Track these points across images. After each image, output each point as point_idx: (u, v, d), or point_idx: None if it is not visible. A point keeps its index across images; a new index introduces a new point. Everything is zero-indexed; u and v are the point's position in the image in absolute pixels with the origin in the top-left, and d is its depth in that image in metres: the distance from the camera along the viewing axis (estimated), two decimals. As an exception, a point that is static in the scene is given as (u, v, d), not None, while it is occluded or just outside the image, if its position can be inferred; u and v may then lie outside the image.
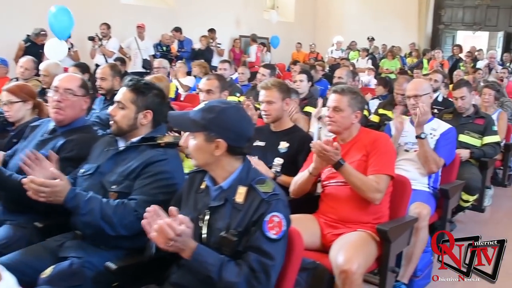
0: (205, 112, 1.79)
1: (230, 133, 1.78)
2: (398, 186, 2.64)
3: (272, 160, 2.99)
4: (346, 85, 2.75)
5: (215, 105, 1.81)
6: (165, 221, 1.60)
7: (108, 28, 8.79)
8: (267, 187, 1.76)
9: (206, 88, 3.43)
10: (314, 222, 2.62)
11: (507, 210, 5.14)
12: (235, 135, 1.80)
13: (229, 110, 1.81)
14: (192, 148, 1.81)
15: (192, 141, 1.81)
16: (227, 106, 1.82)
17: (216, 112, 1.78)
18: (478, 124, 4.30)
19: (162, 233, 1.59)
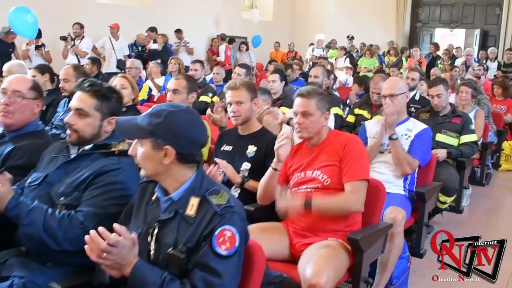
0: (152, 116, 1.63)
1: (179, 139, 1.63)
2: (371, 191, 2.50)
3: (240, 165, 2.84)
4: (310, 87, 2.59)
5: (162, 109, 1.65)
6: (98, 229, 1.45)
7: (81, 28, 8.56)
8: (221, 199, 1.61)
9: (172, 88, 3.27)
10: (283, 231, 2.48)
11: (485, 209, 5.08)
12: (185, 141, 1.64)
13: (178, 113, 1.64)
14: (139, 156, 1.65)
15: (140, 149, 1.65)
16: (175, 110, 1.65)
17: (163, 117, 1.62)
18: (455, 123, 4.21)
19: (94, 243, 1.43)
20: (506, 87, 6.66)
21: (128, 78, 3.60)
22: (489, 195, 5.59)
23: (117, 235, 1.47)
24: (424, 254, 3.42)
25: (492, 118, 5.98)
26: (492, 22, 13.09)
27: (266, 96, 4.10)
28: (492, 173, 6.02)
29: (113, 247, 1.45)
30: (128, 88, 3.55)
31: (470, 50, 10.21)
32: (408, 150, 3.23)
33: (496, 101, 6.66)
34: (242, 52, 11.79)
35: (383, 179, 3.17)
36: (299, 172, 2.52)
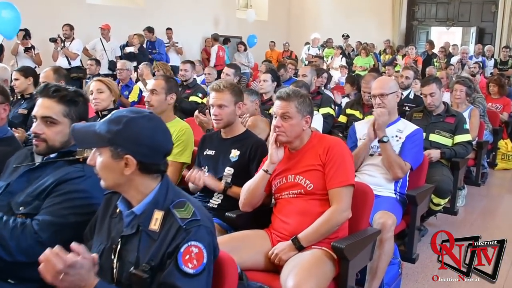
0: (111, 123, 1.51)
1: (141, 148, 1.50)
2: (359, 195, 2.40)
3: (223, 169, 2.73)
4: (291, 89, 2.47)
5: (122, 115, 1.52)
6: (52, 250, 1.33)
7: (71, 29, 8.44)
8: (185, 212, 1.48)
9: (150, 88, 3.16)
10: (265, 239, 2.36)
11: (481, 210, 4.97)
12: (147, 150, 1.51)
13: (139, 120, 1.52)
14: (98, 167, 1.53)
15: (99, 159, 1.52)
16: (136, 116, 1.52)
17: (123, 123, 1.49)
18: (449, 123, 4.10)
19: (49, 264, 1.32)
20: (502, 85, 6.56)
21: (104, 81, 3.48)
22: (485, 195, 5.49)
23: (75, 255, 1.35)
24: (417, 259, 3.32)
25: (488, 116, 5.88)
26: (488, 20, 12.99)
27: (254, 97, 4.00)
28: (488, 172, 5.92)
29: (70, 267, 1.33)
30: (105, 92, 3.44)
31: (466, 48, 10.13)
32: (399, 152, 3.12)
33: (492, 99, 6.56)
34: (240, 52, 11.65)
35: (373, 182, 3.08)
36: (281, 177, 2.41)
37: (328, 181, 2.29)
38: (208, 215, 1.55)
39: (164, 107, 3.17)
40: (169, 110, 3.23)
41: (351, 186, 2.31)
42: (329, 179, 2.28)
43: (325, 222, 2.24)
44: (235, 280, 1.58)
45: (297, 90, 2.46)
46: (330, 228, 2.25)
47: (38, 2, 8.64)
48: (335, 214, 2.25)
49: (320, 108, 4.93)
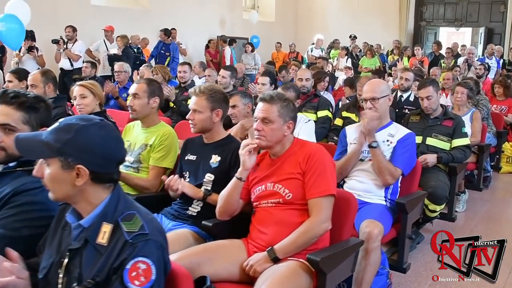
0: (60, 132, 1.44)
1: (93, 157, 1.44)
2: (341, 204, 2.30)
3: (204, 175, 2.64)
4: (276, 92, 2.38)
5: (72, 123, 1.45)
6: None
7: (73, 31, 8.44)
8: (133, 225, 1.41)
9: (132, 92, 3.08)
10: (242, 249, 2.26)
11: (482, 215, 4.83)
12: (100, 159, 1.45)
13: (90, 128, 1.45)
14: (47, 178, 1.45)
15: (47, 170, 1.45)
16: (87, 124, 1.46)
17: (73, 132, 1.43)
18: (446, 126, 3.98)
19: None
20: (507, 86, 6.41)
21: (87, 86, 3.41)
22: (488, 199, 5.34)
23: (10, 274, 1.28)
24: (408, 269, 3.21)
25: (492, 119, 5.74)
26: (497, 20, 12.79)
27: (247, 100, 3.90)
28: (492, 176, 5.77)
29: None
30: (88, 97, 3.38)
31: (472, 49, 9.97)
32: (390, 157, 3.01)
33: (497, 101, 6.42)
34: (248, 54, 11.58)
35: (362, 189, 3.00)
36: (260, 185, 2.31)
37: (307, 190, 2.19)
38: (159, 228, 1.47)
39: (147, 111, 3.10)
40: (153, 114, 3.15)
41: (331, 196, 2.21)
42: (309, 189, 2.19)
43: (303, 234, 2.15)
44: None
45: (282, 93, 2.37)
46: (307, 240, 2.16)
47: (43, 4, 8.64)
48: (314, 225, 2.15)
49: (318, 111, 4.84)
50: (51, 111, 1.96)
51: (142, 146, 3.05)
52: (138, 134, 3.13)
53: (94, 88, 3.42)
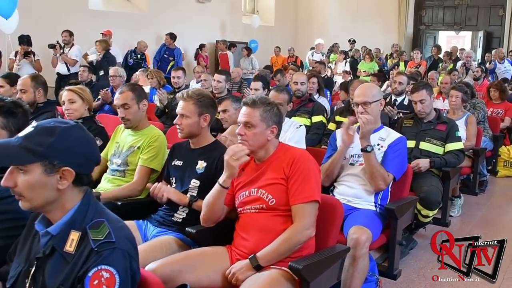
0: (40, 136, 1.41)
1: (78, 158, 1.44)
2: (327, 211, 2.27)
3: (190, 181, 2.61)
4: (259, 96, 2.35)
5: (52, 126, 1.43)
6: None
7: (70, 36, 8.42)
8: (99, 233, 1.39)
9: (120, 103, 3.03)
10: (225, 257, 2.23)
11: (478, 220, 4.78)
12: (84, 160, 1.46)
13: (72, 130, 1.45)
14: (25, 186, 1.40)
15: (23, 178, 1.40)
16: (68, 126, 1.45)
17: (57, 134, 1.41)
18: (440, 130, 3.95)
19: None
20: (503, 90, 6.39)
21: (76, 91, 3.39)
22: (484, 204, 5.30)
23: None
24: (399, 275, 3.17)
25: (488, 122, 5.71)
26: (496, 24, 12.78)
27: (238, 104, 3.86)
28: (488, 180, 5.73)
29: None
30: (77, 101, 3.36)
31: (470, 52, 9.95)
32: (381, 162, 2.97)
33: (493, 104, 6.39)
34: (245, 58, 11.56)
35: (352, 194, 2.97)
36: (244, 190, 2.28)
37: (291, 196, 2.16)
38: (129, 236, 1.45)
39: (140, 116, 3.08)
40: (144, 118, 3.13)
41: (315, 203, 2.17)
42: (292, 194, 2.16)
43: (285, 241, 2.12)
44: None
45: (265, 97, 2.35)
46: (290, 247, 2.12)
47: (41, 9, 8.66)
48: (297, 232, 2.12)
49: (313, 116, 4.80)
50: (28, 116, 1.94)
51: (130, 148, 3.03)
52: (127, 136, 3.11)
53: (83, 93, 3.39)
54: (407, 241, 3.60)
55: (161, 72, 6.84)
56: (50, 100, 4.12)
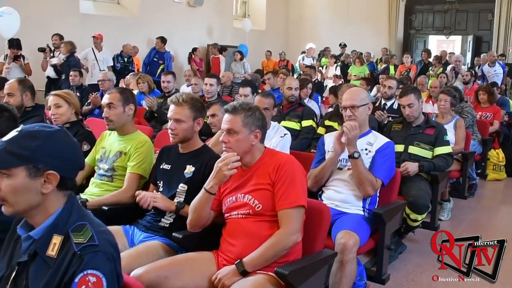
0: (25, 139, 1.41)
1: (63, 162, 1.44)
2: (314, 215, 2.26)
3: (177, 186, 2.60)
4: (240, 102, 2.35)
5: (36, 130, 1.44)
6: None
7: (60, 39, 8.40)
8: (82, 236, 1.38)
9: (107, 102, 3.02)
10: (211, 262, 2.22)
11: (467, 223, 4.80)
12: (70, 163, 1.47)
13: (57, 134, 1.46)
14: (8, 190, 1.39)
15: (6, 182, 1.39)
16: (52, 130, 1.46)
17: (42, 138, 1.41)
18: (428, 135, 3.96)
19: None
20: (492, 93, 6.44)
21: (62, 95, 3.36)
22: (474, 207, 5.32)
23: None
24: (388, 280, 3.17)
25: (477, 126, 5.74)
26: (485, 28, 12.89)
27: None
28: (478, 184, 5.76)
29: None
30: (63, 106, 3.33)
31: (459, 56, 10.00)
32: (369, 167, 2.97)
33: (481, 108, 6.43)
34: (237, 62, 11.56)
35: (340, 199, 2.96)
36: (231, 195, 2.28)
37: (277, 201, 2.15)
38: (111, 240, 1.44)
39: (124, 119, 3.05)
40: (130, 122, 3.11)
41: (301, 208, 2.17)
42: (278, 200, 2.15)
43: (272, 246, 2.11)
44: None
45: (246, 103, 2.33)
46: (277, 252, 2.11)
47: (31, 12, 8.63)
48: (283, 237, 2.11)
49: (303, 120, 4.79)
50: (16, 120, 1.92)
51: (117, 154, 3.00)
52: (114, 142, 3.08)
53: (69, 97, 3.37)
54: (396, 246, 3.61)
55: (149, 76, 6.83)
56: (38, 104, 4.09)
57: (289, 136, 3.65)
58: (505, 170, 6.43)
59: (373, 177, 2.92)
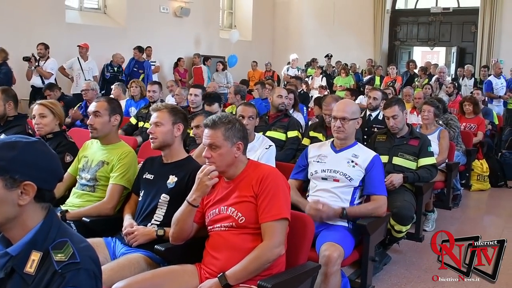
0: (3, 150, 1.37)
1: (41, 172, 1.40)
2: (297, 227, 2.25)
3: (160, 196, 2.58)
4: (218, 115, 2.33)
5: (13, 141, 1.40)
6: None
7: (46, 48, 8.33)
8: (63, 254, 1.33)
9: (93, 110, 2.99)
10: (194, 275, 2.19)
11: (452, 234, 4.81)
12: (47, 174, 1.42)
13: (34, 144, 1.42)
14: None
15: None
16: (29, 140, 1.42)
17: (19, 148, 1.38)
18: (412, 145, 3.97)
19: None
20: (476, 103, 6.49)
21: (48, 105, 3.33)
22: (458, 218, 5.36)
23: None
24: (371, 292, 3.16)
25: (461, 137, 5.79)
26: (468, 40, 13.05)
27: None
28: (462, 194, 5.80)
29: None
30: (48, 116, 3.29)
31: (443, 68, 10.09)
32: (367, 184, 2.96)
33: (466, 119, 6.48)
34: (219, 72, 11.56)
35: (325, 210, 2.94)
36: (214, 208, 2.26)
37: (260, 214, 2.14)
38: (92, 256, 1.40)
39: (108, 129, 3.02)
40: (114, 132, 3.08)
41: (284, 220, 2.15)
42: (261, 212, 2.13)
43: (255, 259, 2.09)
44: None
45: (225, 115, 2.32)
46: (260, 265, 2.09)
47: (16, 21, 8.57)
48: (266, 250, 2.09)
49: (288, 131, 4.79)
50: None
51: (100, 164, 2.97)
52: (96, 151, 3.05)
53: (54, 107, 3.33)
54: (380, 257, 3.60)
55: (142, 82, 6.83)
56: (21, 113, 4.05)
57: (274, 147, 3.63)
58: (489, 180, 6.49)
59: (372, 205, 2.93)
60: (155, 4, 11.30)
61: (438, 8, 13.27)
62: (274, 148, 3.62)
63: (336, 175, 2.99)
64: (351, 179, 2.97)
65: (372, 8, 13.67)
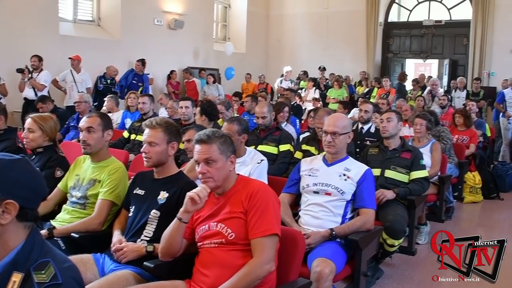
0: None
1: (23, 191, 1.36)
2: (288, 243, 2.23)
3: (150, 212, 2.55)
4: (211, 130, 2.32)
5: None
6: None
7: (39, 61, 8.30)
8: (44, 275, 1.30)
9: (86, 126, 2.96)
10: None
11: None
12: (30, 193, 1.39)
13: (17, 163, 1.39)
14: None
15: None
16: (12, 158, 1.40)
17: (1, 166, 1.36)
18: (405, 158, 3.99)
19: None
20: (468, 116, 6.52)
21: (37, 121, 3.29)
22: (451, 230, 5.28)
23: None
24: (364, 306, 3.14)
25: (454, 149, 5.80)
26: (460, 52, 13.16)
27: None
28: (455, 206, 5.80)
29: None
30: (36, 132, 3.27)
31: (435, 80, 10.15)
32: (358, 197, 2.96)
33: (458, 131, 6.50)
34: (210, 85, 11.56)
35: (316, 225, 2.94)
36: (204, 224, 2.24)
37: (249, 230, 2.12)
38: (76, 277, 1.37)
39: (101, 144, 3.00)
40: (105, 148, 3.06)
41: (274, 236, 2.13)
42: (251, 228, 2.12)
43: (244, 276, 2.06)
44: None
45: (216, 130, 2.32)
46: (249, 282, 2.07)
47: (10, 33, 8.54)
48: (255, 267, 2.07)
49: (280, 144, 4.76)
50: None
51: (91, 182, 2.94)
52: (87, 169, 3.02)
53: (44, 124, 3.29)
54: (373, 271, 3.59)
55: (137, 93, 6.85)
56: (11, 127, 4.03)
57: (265, 162, 3.60)
58: (482, 193, 6.51)
59: (359, 221, 2.92)
60: (149, 16, 11.32)
61: (431, 21, 13.39)
62: (266, 163, 3.59)
63: (328, 189, 2.99)
64: (343, 192, 2.96)
65: (365, 21, 13.76)
